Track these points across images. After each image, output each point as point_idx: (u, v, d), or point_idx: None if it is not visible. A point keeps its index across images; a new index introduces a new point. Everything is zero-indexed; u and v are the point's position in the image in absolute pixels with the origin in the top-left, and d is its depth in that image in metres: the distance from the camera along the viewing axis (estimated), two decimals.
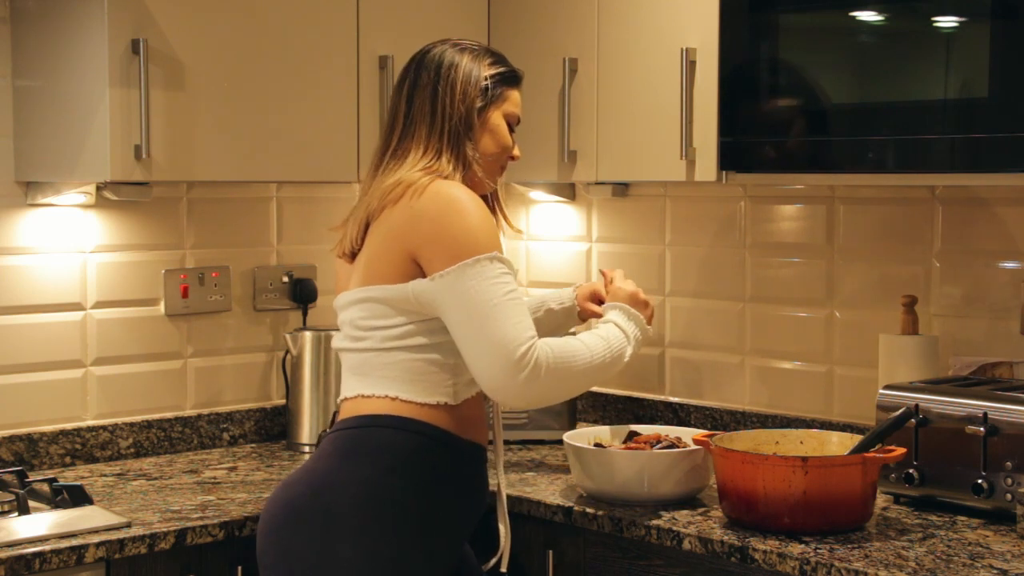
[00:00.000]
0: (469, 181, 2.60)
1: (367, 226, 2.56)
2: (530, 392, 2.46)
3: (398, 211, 2.50)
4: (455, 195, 2.50)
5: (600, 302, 2.84)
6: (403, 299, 2.48)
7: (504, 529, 2.69)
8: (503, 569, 2.69)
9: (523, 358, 2.42)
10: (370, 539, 2.42)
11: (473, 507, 2.58)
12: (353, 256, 2.59)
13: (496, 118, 2.64)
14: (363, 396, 2.52)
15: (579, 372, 2.52)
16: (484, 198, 2.66)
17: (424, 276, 2.48)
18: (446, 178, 2.55)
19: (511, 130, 2.68)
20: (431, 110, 2.60)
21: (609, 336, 2.60)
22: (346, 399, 2.57)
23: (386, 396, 2.49)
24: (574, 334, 2.66)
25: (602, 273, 2.84)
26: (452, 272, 2.44)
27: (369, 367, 2.52)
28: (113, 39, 2.93)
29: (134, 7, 2.95)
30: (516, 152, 2.71)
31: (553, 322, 2.94)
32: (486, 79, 2.62)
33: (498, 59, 2.68)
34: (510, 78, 2.67)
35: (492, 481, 2.68)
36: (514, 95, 2.68)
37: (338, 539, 2.42)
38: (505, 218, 2.75)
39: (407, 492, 2.45)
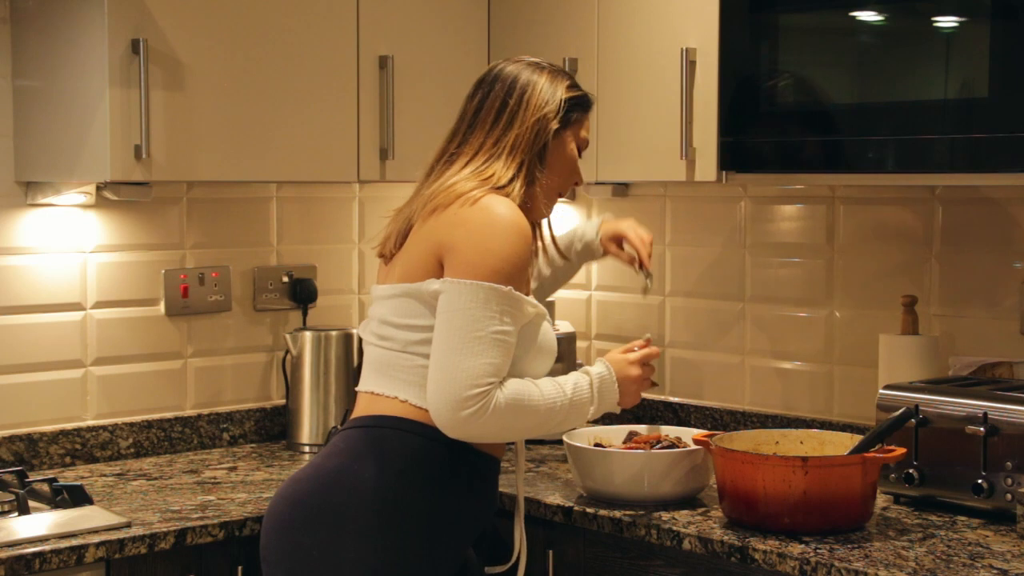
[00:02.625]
0: (530, 199, 2.58)
1: (408, 229, 2.54)
2: (465, 430, 2.42)
3: (445, 216, 2.48)
4: (504, 214, 2.46)
5: (619, 243, 2.93)
6: (429, 294, 2.46)
7: (520, 538, 2.68)
8: None
9: (470, 399, 2.38)
10: (376, 540, 2.42)
11: (479, 514, 2.57)
12: (390, 258, 2.58)
13: (570, 143, 2.63)
14: (375, 394, 2.53)
15: (525, 421, 2.47)
16: (537, 225, 2.66)
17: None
18: (503, 189, 2.51)
19: (579, 155, 2.67)
20: (495, 119, 2.56)
21: (574, 394, 2.52)
22: (361, 392, 2.57)
23: (396, 398, 2.49)
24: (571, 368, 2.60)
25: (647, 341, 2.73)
26: (462, 284, 2.42)
27: (387, 366, 2.52)
28: (113, 39, 2.93)
29: (134, 7, 2.95)
30: (583, 176, 2.70)
31: (578, 260, 3.02)
32: (563, 101, 2.59)
33: (574, 82, 2.65)
34: (586, 103, 2.65)
35: (508, 488, 2.68)
36: (585, 119, 2.66)
37: (344, 539, 2.42)
38: (554, 242, 2.74)
39: (415, 495, 2.45)
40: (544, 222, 2.71)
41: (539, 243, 2.71)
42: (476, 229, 2.45)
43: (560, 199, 2.70)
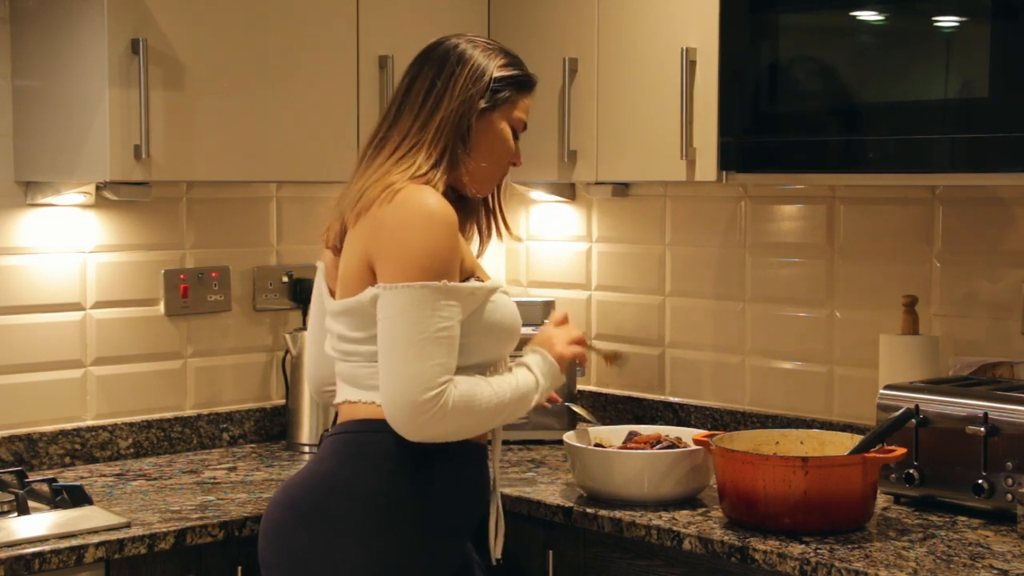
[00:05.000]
0: (457, 182, 2.55)
1: (344, 230, 2.52)
2: (426, 433, 2.41)
3: (368, 219, 2.45)
4: (421, 205, 2.42)
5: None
6: (369, 303, 2.44)
7: (494, 518, 2.64)
8: (497, 555, 2.65)
9: (427, 403, 2.36)
10: (371, 541, 2.42)
11: (474, 507, 2.57)
12: (337, 251, 2.56)
13: (500, 123, 2.56)
14: (350, 402, 2.52)
15: (482, 416, 2.45)
16: (485, 201, 2.64)
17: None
18: (424, 176, 2.47)
19: (515, 136, 2.60)
20: (422, 101, 2.51)
21: (519, 381, 2.53)
22: (339, 403, 2.57)
23: (372, 403, 2.48)
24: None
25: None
26: (395, 289, 2.39)
27: (358, 378, 2.50)
28: (113, 39, 2.93)
29: (134, 7, 2.95)
30: (520, 158, 2.63)
31: None
32: (494, 80, 2.53)
33: (512, 61, 2.58)
34: (522, 83, 2.58)
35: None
36: (524, 102, 2.60)
37: (339, 541, 2.42)
38: (505, 224, 2.68)
39: (407, 494, 2.45)
40: (493, 204, 2.66)
41: (486, 224, 2.66)
42: (396, 229, 2.41)
43: (500, 179, 2.62)
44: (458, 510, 2.52)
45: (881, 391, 2.85)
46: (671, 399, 3.64)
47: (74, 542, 2.63)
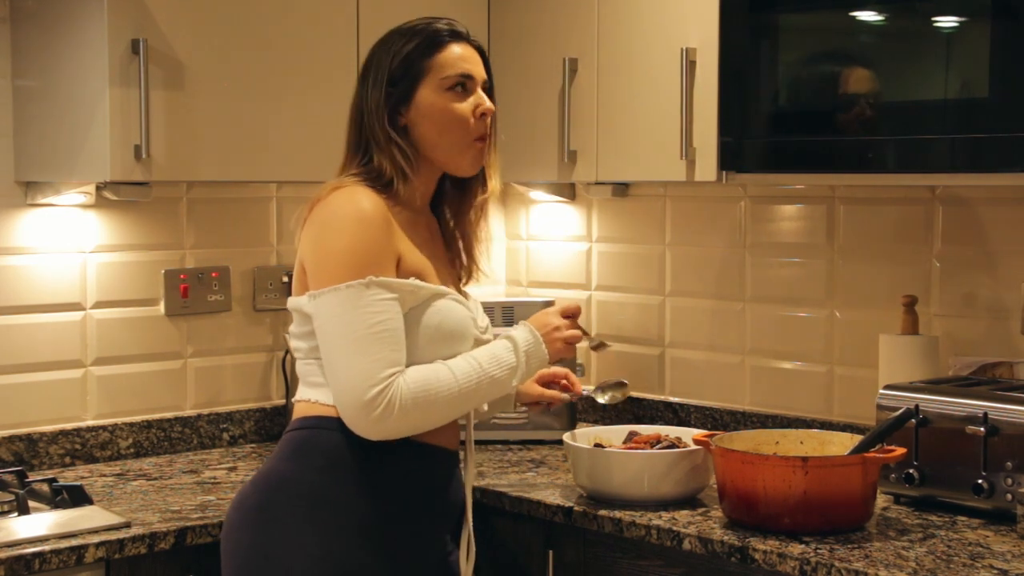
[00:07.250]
0: (446, 169, 2.53)
1: None
2: (383, 429, 2.38)
3: (307, 223, 2.47)
4: (342, 205, 2.41)
5: (546, 384, 2.79)
6: (305, 309, 2.45)
7: (465, 539, 2.60)
8: None
9: (374, 399, 2.34)
10: (306, 539, 2.40)
11: (426, 509, 2.51)
12: None
13: (429, 99, 2.48)
14: (298, 400, 2.53)
15: (443, 406, 2.42)
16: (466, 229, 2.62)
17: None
18: (379, 188, 2.47)
19: (463, 88, 2.49)
20: (349, 117, 2.55)
21: (491, 363, 2.47)
22: (294, 401, 2.58)
23: (308, 400, 2.49)
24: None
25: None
26: (323, 295, 2.38)
27: (302, 375, 2.52)
28: (113, 39, 2.93)
29: (134, 7, 2.95)
30: (485, 106, 2.49)
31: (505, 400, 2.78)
32: (391, 74, 2.48)
33: (407, 39, 2.50)
34: (429, 45, 2.48)
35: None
36: (440, 58, 2.48)
37: (277, 539, 2.41)
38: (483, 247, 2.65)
39: (339, 490, 2.42)
40: (470, 239, 2.63)
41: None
42: (319, 230, 2.42)
43: (471, 145, 2.50)
44: (401, 510, 2.47)
45: (881, 391, 2.85)
46: (671, 399, 3.64)
47: (74, 542, 2.63)
